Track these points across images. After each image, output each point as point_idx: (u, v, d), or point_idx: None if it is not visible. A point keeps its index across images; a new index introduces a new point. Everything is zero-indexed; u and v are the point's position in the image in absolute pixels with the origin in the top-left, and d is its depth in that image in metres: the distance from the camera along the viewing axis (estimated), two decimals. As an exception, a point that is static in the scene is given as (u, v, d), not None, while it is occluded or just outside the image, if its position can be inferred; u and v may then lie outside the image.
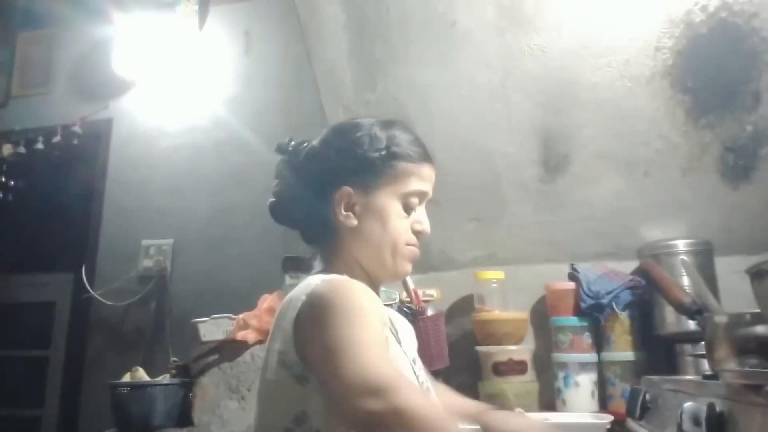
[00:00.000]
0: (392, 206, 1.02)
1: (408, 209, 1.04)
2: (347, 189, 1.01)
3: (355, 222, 1.01)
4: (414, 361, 1.07)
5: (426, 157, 1.06)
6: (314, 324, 0.86)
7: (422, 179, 1.05)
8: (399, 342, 1.04)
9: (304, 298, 0.90)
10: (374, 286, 1.03)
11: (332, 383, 0.80)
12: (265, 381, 0.95)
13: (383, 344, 0.88)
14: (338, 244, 1.04)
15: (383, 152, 1.02)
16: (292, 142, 1.10)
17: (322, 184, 1.03)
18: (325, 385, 0.84)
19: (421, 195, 1.05)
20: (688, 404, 0.88)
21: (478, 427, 1.10)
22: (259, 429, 0.96)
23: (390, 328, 1.02)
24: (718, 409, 0.79)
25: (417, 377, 1.03)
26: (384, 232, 1.01)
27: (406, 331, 1.16)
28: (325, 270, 1.01)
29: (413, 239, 1.04)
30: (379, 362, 0.79)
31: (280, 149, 1.10)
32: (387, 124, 1.06)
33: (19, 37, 3.00)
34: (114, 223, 2.68)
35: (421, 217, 1.06)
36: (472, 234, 2.00)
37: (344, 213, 1.01)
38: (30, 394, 2.99)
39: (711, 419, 0.79)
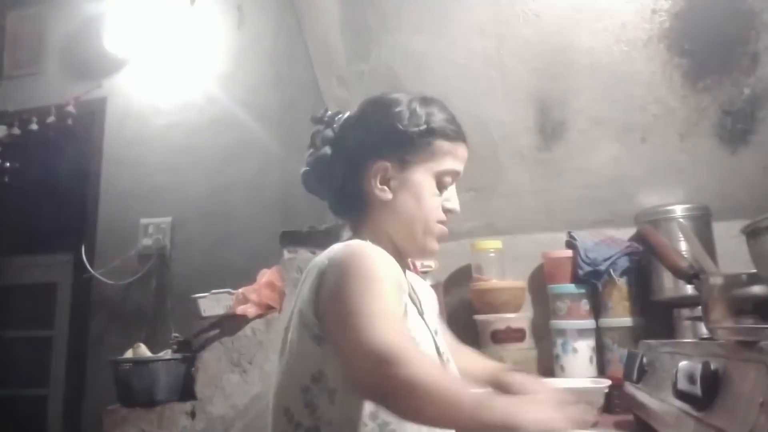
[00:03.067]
0: (427, 183, 1.02)
1: (441, 187, 1.04)
2: (384, 163, 1.01)
3: (389, 196, 1.01)
4: (436, 332, 1.06)
5: (462, 136, 1.06)
6: (331, 289, 0.88)
7: (457, 158, 1.05)
8: (422, 314, 1.04)
9: (326, 262, 0.91)
10: (402, 260, 1.03)
11: (345, 350, 0.83)
12: (287, 341, 0.96)
13: (398, 313, 0.89)
14: (369, 217, 1.04)
15: (423, 128, 1.02)
16: (328, 113, 1.10)
17: (357, 156, 1.03)
18: (339, 350, 0.86)
19: (455, 174, 1.06)
20: (683, 363, 0.88)
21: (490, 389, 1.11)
22: (279, 388, 0.97)
23: (412, 297, 1.03)
24: (713, 366, 0.79)
25: (438, 349, 1.03)
26: (418, 208, 1.01)
27: (430, 300, 1.16)
28: (352, 239, 1.01)
29: (443, 217, 1.05)
30: (391, 332, 0.80)
31: (315, 119, 1.10)
32: (425, 101, 1.06)
33: (8, 16, 2.96)
34: (111, 202, 2.67)
35: (451, 195, 1.06)
36: (468, 204, 1.97)
37: (380, 186, 1.01)
38: (35, 374, 3.02)
39: (706, 377, 0.79)
